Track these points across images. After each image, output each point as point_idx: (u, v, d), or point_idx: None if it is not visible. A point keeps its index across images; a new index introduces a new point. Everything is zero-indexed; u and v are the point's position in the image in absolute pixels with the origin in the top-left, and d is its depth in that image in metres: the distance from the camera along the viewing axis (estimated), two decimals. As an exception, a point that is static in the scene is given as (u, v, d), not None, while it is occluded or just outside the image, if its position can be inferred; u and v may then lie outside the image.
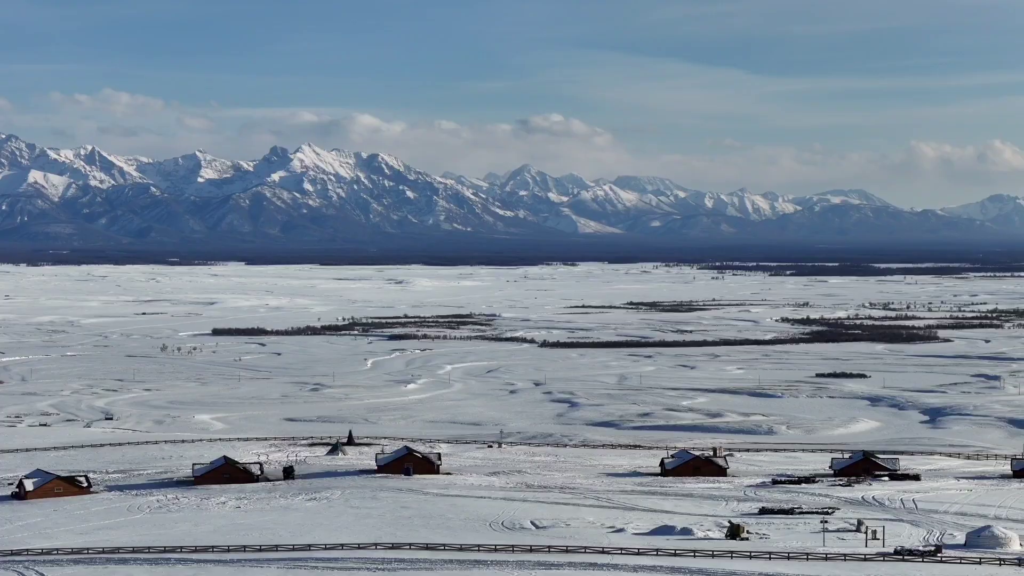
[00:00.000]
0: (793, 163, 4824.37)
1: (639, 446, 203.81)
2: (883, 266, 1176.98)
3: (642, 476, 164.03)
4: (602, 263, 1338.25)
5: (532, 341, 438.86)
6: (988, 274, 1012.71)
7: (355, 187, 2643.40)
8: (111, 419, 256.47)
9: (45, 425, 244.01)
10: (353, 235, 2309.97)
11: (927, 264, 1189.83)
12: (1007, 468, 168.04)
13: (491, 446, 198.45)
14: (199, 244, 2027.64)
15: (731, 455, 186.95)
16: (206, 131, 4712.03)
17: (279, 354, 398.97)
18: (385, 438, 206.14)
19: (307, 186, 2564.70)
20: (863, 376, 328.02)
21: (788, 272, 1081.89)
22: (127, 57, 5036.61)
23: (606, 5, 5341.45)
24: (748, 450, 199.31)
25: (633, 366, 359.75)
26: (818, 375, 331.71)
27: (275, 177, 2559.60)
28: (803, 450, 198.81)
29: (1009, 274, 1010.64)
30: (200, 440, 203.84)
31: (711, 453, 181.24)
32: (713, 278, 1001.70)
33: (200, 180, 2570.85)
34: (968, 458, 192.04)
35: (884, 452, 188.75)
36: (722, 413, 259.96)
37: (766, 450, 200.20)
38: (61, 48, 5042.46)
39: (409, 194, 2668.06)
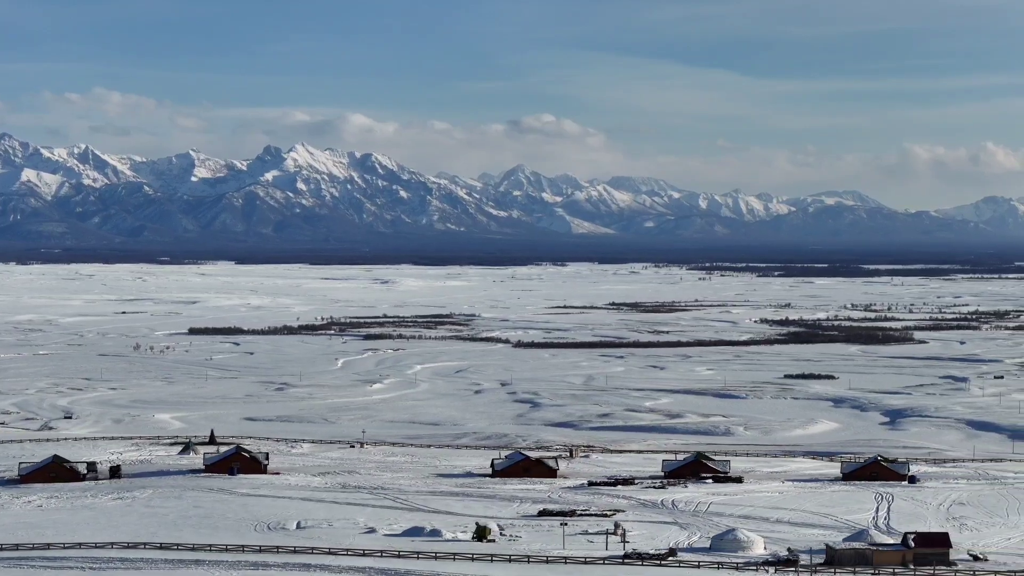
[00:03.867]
0: (787, 164, 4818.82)
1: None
2: (871, 267, 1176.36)
3: (472, 477, 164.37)
4: (592, 263, 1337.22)
5: (507, 341, 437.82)
6: (975, 276, 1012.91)
7: (348, 187, 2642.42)
8: (70, 418, 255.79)
9: (2, 424, 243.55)
10: (346, 235, 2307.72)
11: (916, 265, 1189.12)
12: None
13: (353, 446, 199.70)
14: (192, 243, 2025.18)
15: (587, 456, 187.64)
16: (199, 130, 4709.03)
17: (251, 353, 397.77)
18: (249, 438, 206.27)
19: (300, 186, 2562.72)
20: (831, 377, 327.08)
21: (776, 273, 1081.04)
22: (118, 56, 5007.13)
23: (599, 6, 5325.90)
24: (610, 451, 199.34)
25: (603, 366, 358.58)
26: (786, 376, 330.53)
27: (268, 176, 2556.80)
28: (668, 451, 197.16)
29: (996, 276, 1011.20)
30: (66, 439, 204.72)
31: (567, 454, 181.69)
32: (700, 279, 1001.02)
33: (193, 179, 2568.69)
34: (831, 459, 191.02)
35: (745, 452, 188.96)
36: (683, 414, 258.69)
37: (629, 451, 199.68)
38: (51, 47, 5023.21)
39: (402, 194, 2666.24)
